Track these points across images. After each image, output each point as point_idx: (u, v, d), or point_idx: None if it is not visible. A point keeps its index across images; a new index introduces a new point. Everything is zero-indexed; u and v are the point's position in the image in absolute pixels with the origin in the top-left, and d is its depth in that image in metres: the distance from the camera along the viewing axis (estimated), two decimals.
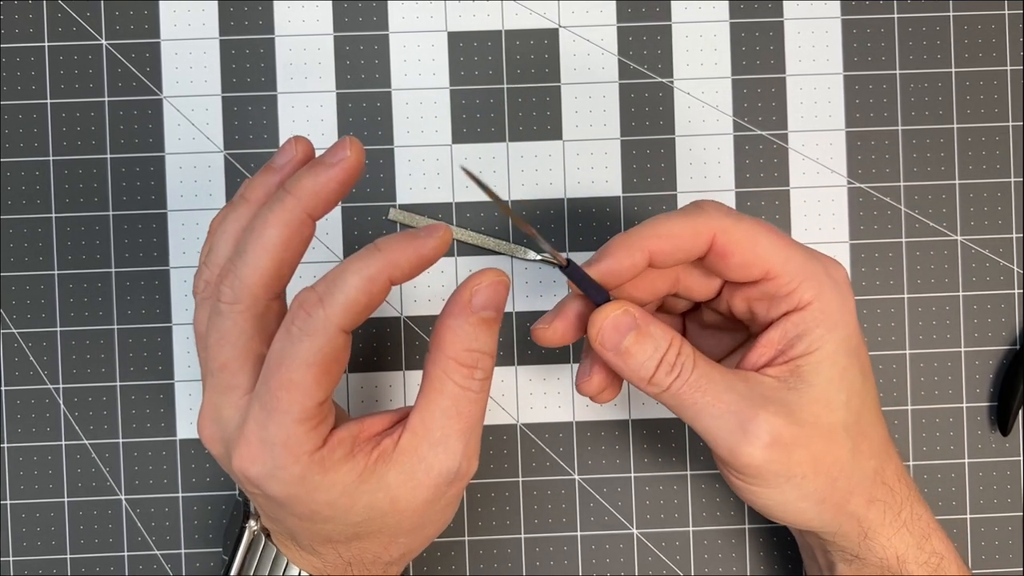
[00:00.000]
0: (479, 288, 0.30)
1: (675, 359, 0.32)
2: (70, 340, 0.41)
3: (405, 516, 0.32)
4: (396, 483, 0.31)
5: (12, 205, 0.41)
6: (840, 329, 0.33)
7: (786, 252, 0.33)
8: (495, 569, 0.42)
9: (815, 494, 0.33)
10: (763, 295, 0.33)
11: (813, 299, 0.32)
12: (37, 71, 0.41)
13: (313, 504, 0.31)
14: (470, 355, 0.31)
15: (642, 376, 0.32)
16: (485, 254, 0.42)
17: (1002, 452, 0.42)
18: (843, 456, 0.33)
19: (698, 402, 0.32)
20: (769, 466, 0.32)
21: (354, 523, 0.32)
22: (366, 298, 0.29)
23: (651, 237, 0.32)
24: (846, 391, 0.33)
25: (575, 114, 0.42)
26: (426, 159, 0.42)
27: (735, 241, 0.32)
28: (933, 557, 0.34)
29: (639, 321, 0.32)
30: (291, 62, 0.42)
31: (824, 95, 0.42)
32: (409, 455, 0.31)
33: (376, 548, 0.33)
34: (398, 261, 0.29)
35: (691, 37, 0.42)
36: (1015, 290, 0.42)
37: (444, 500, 0.32)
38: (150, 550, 0.42)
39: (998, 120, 0.42)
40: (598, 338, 0.32)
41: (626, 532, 0.42)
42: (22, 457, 0.41)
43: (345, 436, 0.31)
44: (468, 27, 0.42)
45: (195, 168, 0.42)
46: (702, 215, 0.32)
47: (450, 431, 0.31)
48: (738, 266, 0.33)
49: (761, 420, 0.31)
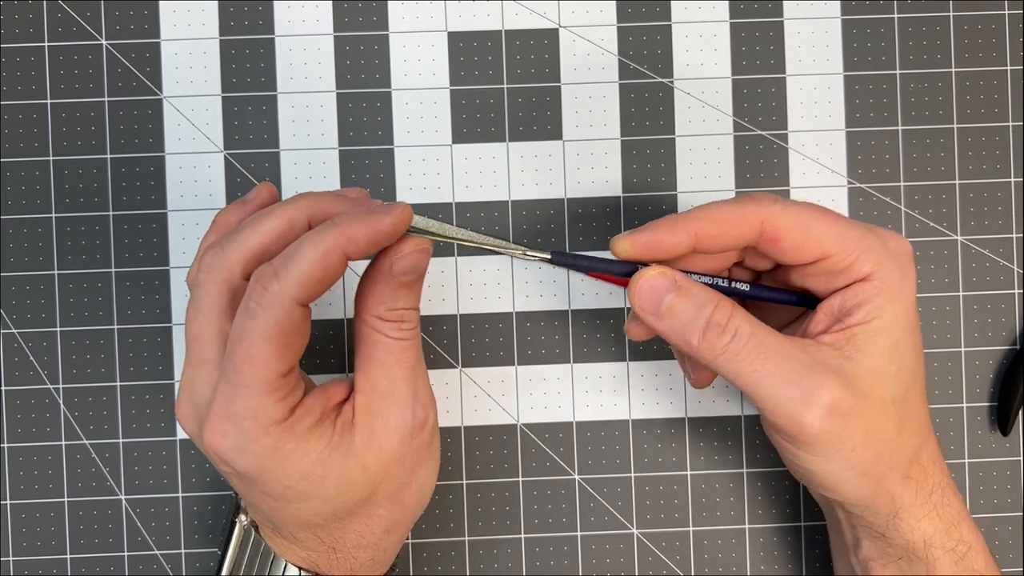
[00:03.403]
0: (400, 257, 0.31)
1: (726, 321, 0.32)
2: (70, 340, 0.41)
3: (378, 481, 0.32)
4: (362, 446, 0.32)
5: (12, 205, 0.41)
6: (899, 301, 0.33)
7: (840, 230, 0.33)
8: (495, 569, 0.42)
9: (860, 466, 0.33)
10: (820, 273, 0.33)
11: (872, 271, 0.33)
12: (37, 71, 0.41)
13: (286, 478, 0.31)
14: (394, 313, 0.32)
15: (689, 339, 0.32)
16: (485, 254, 0.42)
17: (1002, 452, 0.42)
18: (890, 430, 0.33)
19: (757, 369, 0.32)
20: (824, 436, 0.32)
21: (329, 498, 0.32)
22: (320, 272, 0.29)
23: (697, 219, 0.33)
24: (898, 363, 0.33)
25: (575, 114, 0.42)
26: (426, 159, 0.42)
27: (784, 227, 0.33)
28: (960, 545, 0.34)
29: (679, 282, 0.32)
30: (291, 62, 0.42)
31: (824, 95, 0.42)
32: (365, 414, 0.32)
33: (358, 527, 0.33)
34: (353, 236, 0.30)
35: (691, 37, 0.42)
36: (1015, 290, 0.42)
37: (412, 456, 0.33)
38: (150, 550, 0.42)
39: (998, 120, 0.42)
40: (637, 302, 0.32)
41: (626, 532, 0.42)
42: (22, 457, 0.41)
43: (313, 404, 0.32)
44: (468, 27, 0.42)
45: (195, 168, 0.42)
46: (751, 202, 0.33)
47: (394, 380, 0.32)
48: (791, 250, 0.33)
49: (824, 389, 0.31)
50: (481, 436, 0.42)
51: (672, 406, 0.42)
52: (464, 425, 0.42)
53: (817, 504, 0.42)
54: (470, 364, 0.42)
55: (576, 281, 0.42)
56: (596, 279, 0.42)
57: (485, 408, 0.42)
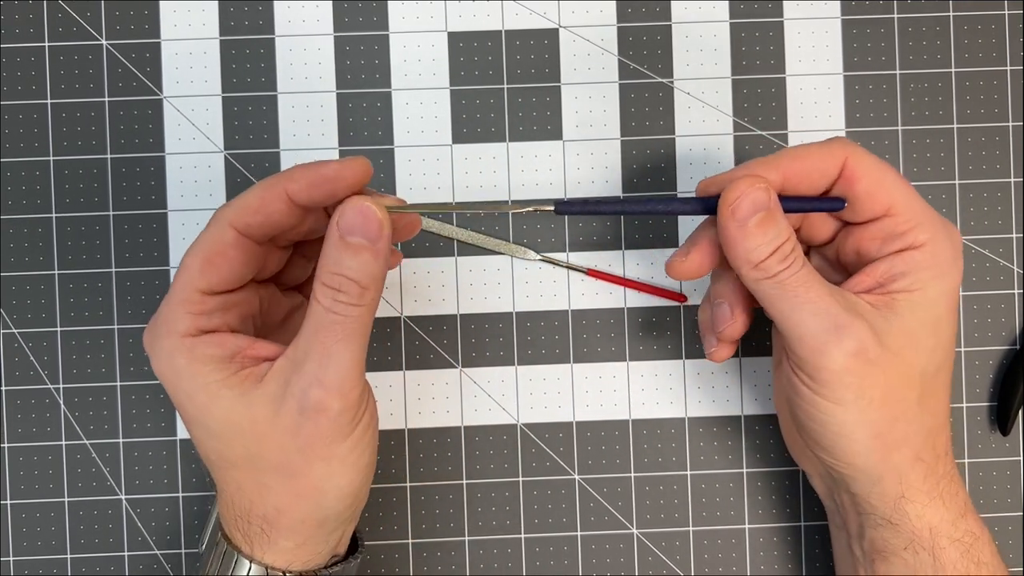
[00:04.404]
0: (342, 210, 0.31)
1: (790, 251, 0.33)
2: (70, 340, 0.41)
3: (265, 443, 0.32)
4: (259, 402, 0.31)
5: (12, 205, 0.41)
6: (947, 280, 0.33)
7: (909, 193, 0.34)
8: (495, 569, 0.42)
9: (873, 425, 0.33)
10: (878, 233, 0.34)
11: (927, 242, 0.33)
12: (37, 71, 0.41)
13: (179, 392, 0.32)
14: (333, 278, 0.31)
15: (753, 259, 0.33)
16: (485, 254, 0.42)
17: (1002, 452, 0.42)
18: (911, 399, 0.33)
19: (800, 296, 0.32)
20: (845, 377, 0.32)
21: (213, 433, 0.32)
22: (257, 201, 0.32)
23: (786, 157, 0.34)
24: (935, 339, 0.33)
25: (575, 114, 0.42)
26: (426, 159, 0.42)
27: (865, 167, 0.33)
28: (967, 536, 0.34)
29: (772, 205, 0.33)
30: (291, 62, 0.42)
31: (824, 95, 0.42)
32: (277, 375, 0.32)
33: (249, 488, 0.33)
34: (295, 174, 0.31)
35: (691, 37, 0.42)
36: (1015, 290, 0.42)
37: (305, 437, 0.31)
38: (150, 550, 0.42)
39: (998, 120, 0.42)
40: (732, 204, 0.33)
41: (626, 532, 0.42)
42: (22, 457, 0.41)
43: (225, 340, 0.32)
44: (468, 27, 0.42)
45: (195, 168, 0.42)
46: (836, 141, 0.34)
47: (310, 353, 0.31)
48: (864, 194, 0.33)
49: (856, 328, 0.32)
50: (481, 436, 0.42)
51: (672, 406, 0.42)
52: (464, 425, 0.42)
53: (818, 504, 0.42)
54: (470, 364, 0.42)
55: (576, 281, 0.42)
56: (596, 278, 0.42)
57: (485, 408, 0.42)
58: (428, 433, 0.42)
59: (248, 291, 0.34)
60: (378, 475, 0.42)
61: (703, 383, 0.42)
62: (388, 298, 0.42)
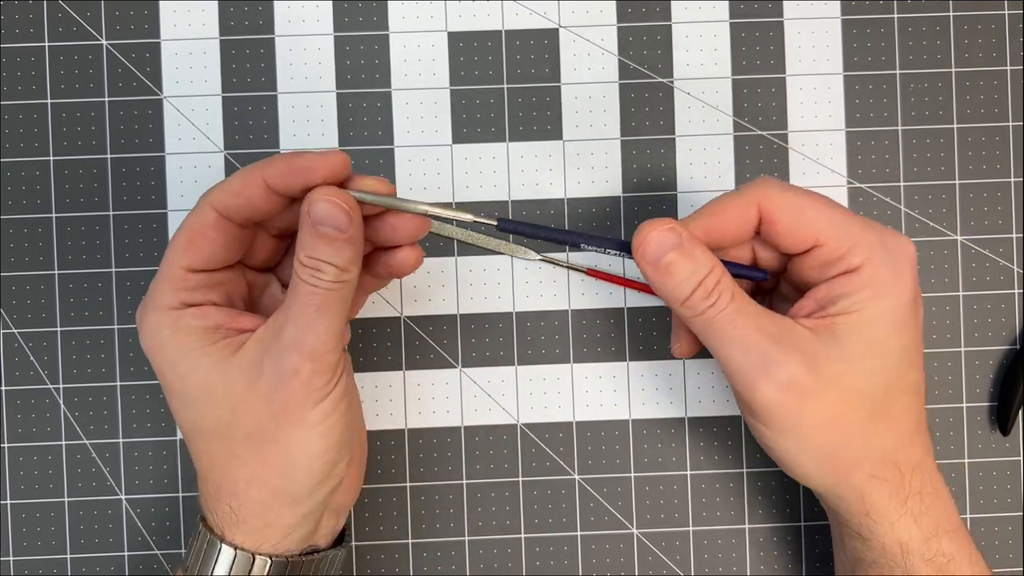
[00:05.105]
0: (309, 200, 0.32)
1: (713, 286, 0.33)
2: (70, 340, 0.41)
3: (239, 410, 0.32)
4: (237, 368, 0.32)
5: (12, 205, 0.41)
6: (887, 299, 0.33)
7: (835, 219, 0.33)
8: (495, 569, 0.42)
9: (817, 450, 0.33)
10: (815, 263, 0.34)
11: (862, 264, 0.33)
12: (37, 71, 0.41)
13: (162, 362, 0.33)
14: (310, 260, 0.32)
15: (677, 296, 0.33)
16: (485, 254, 0.42)
17: (1002, 452, 0.42)
18: (857, 421, 0.33)
19: (728, 333, 0.33)
20: (779, 409, 0.33)
21: (188, 400, 0.33)
22: (239, 185, 0.33)
23: (704, 214, 0.34)
24: (880, 359, 0.33)
25: (575, 114, 0.42)
26: (426, 159, 0.42)
27: (778, 207, 0.33)
28: (940, 556, 0.34)
29: (684, 241, 0.33)
30: (291, 62, 0.42)
31: (824, 95, 0.42)
32: (256, 343, 0.32)
33: (220, 461, 0.33)
34: (272, 162, 0.32)
35: (691, 37, 0.42)
36: (1015, 290, 0.42)
37: (280, 403, 0.32)
38: (150, 550, 0.42)
39: (998, 120, 0.42)
40: (640, 249, 0.33)
41: (626, 532, 0.42)
42: (22, 457, 0.41)
43: (209, 312, 0.33)
44: (468, 27, 0.42)
45: (195, 168, 0.42)
46: (751, 186, 0.34)
47: (288, 320, 0.32)
48: (786, 232, 0.34)
49: (785, 363, 0.32)
50: (481, 436, 0.42)
51: (672, 406, 0.42)
52: (464, 425, 0.42)
53: (817, 504, 0.42)
54: (470, 364, 0.42)
55: (576, 281, 0.42)
56: (596, 278, 0.42)
57: (485, 408, 0.42)
58: (428, 433, 0.42)
59: (234, 272, 0.35)
60: (378, 475, 0.42)
61: (703, 383, 0.42)
62: (388, 298, 0.42)
